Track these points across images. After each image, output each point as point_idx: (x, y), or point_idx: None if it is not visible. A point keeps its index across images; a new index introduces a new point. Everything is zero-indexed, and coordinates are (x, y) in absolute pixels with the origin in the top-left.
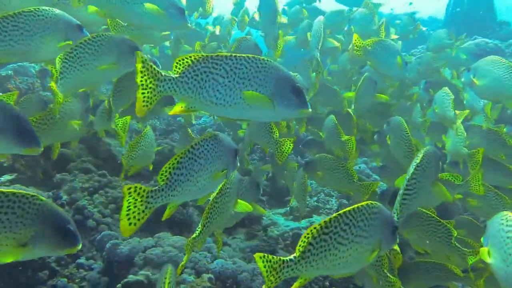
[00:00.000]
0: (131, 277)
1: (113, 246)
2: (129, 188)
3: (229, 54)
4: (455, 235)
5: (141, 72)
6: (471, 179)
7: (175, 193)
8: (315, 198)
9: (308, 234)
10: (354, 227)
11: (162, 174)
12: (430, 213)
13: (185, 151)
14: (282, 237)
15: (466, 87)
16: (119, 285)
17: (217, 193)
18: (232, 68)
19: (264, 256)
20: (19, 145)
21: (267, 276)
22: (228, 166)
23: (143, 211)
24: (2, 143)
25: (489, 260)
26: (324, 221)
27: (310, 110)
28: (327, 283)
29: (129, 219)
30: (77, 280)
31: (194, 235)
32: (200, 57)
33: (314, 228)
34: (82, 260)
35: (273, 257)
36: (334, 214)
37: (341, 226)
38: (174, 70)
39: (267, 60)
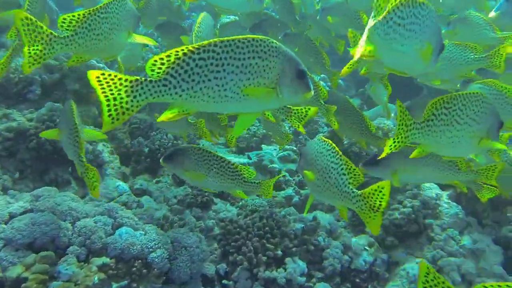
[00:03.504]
0: None
1: None
2: None
3: None
4: None
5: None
6: None
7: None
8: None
9: (433, 104)
10: (469, 109)
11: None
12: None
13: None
14: None
15: None
16: None
17: None
18: None
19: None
20: None
21: (397, 137)
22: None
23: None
24: None
25: None
26: (447, 96)
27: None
28: None
29: None
30: None
31: None
32: None
33: (441, 99)
34: None
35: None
36: (453, 94)
37: (459, 105)
38: None
39: None
